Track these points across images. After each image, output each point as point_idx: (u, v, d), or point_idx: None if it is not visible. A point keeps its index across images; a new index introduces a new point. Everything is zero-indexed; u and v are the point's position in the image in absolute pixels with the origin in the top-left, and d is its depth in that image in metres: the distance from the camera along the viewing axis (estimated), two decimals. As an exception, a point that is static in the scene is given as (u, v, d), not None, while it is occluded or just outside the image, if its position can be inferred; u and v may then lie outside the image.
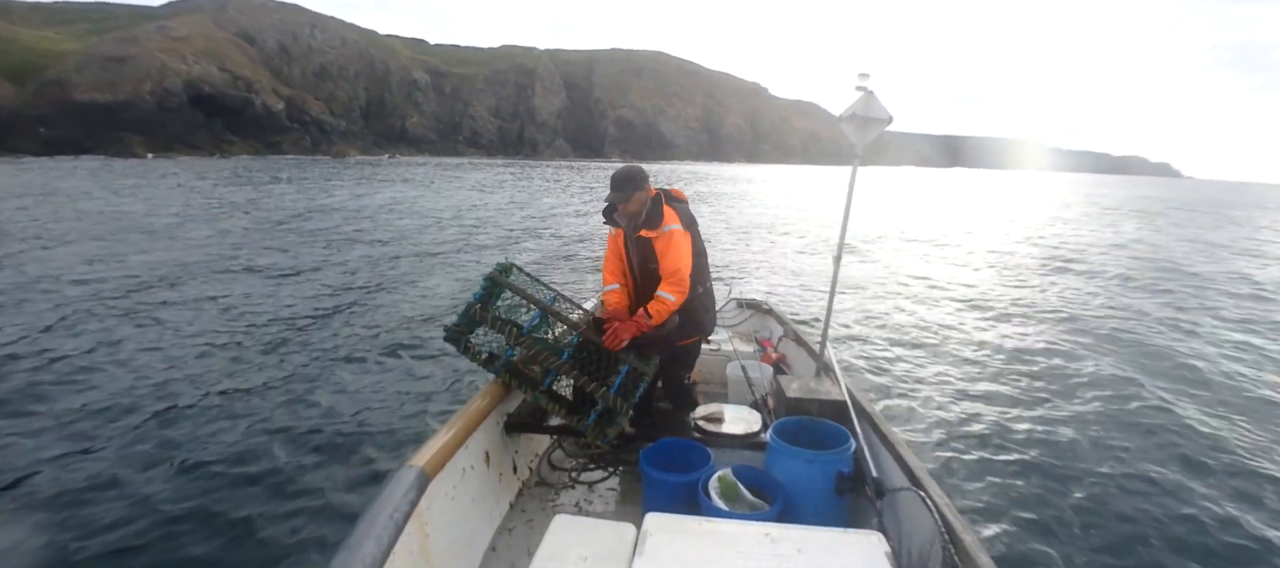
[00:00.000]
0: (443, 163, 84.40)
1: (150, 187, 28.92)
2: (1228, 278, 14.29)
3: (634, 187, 3.17)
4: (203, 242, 14.10)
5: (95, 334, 7.14)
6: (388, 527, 1.96)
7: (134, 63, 77.43)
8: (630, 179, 3.18)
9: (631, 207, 3.20)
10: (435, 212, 22.92)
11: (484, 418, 3.00)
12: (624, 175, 3.20)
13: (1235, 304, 11.34)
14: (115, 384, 5.78)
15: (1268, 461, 5.04)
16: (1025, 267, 15.16)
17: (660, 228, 3.19)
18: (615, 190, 3.18)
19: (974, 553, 1.93)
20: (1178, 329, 9.32)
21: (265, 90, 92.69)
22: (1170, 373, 7.21)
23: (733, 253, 15.79)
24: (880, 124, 3.31)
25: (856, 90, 3.28)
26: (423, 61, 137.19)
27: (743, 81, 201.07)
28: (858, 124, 3.31)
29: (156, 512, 3.87)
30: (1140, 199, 60.90)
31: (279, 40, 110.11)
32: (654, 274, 3.28)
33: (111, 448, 4.62)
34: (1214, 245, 21.42)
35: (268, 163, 60.74)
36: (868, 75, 3.27)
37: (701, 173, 79.53)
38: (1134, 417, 5.83)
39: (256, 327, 7.69)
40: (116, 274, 10.29)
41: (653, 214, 3.23)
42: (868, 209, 29.84)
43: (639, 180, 3.20)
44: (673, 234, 3.18)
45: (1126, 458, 5.00)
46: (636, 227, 3.25)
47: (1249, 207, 54.69)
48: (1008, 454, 4.99)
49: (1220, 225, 30.80)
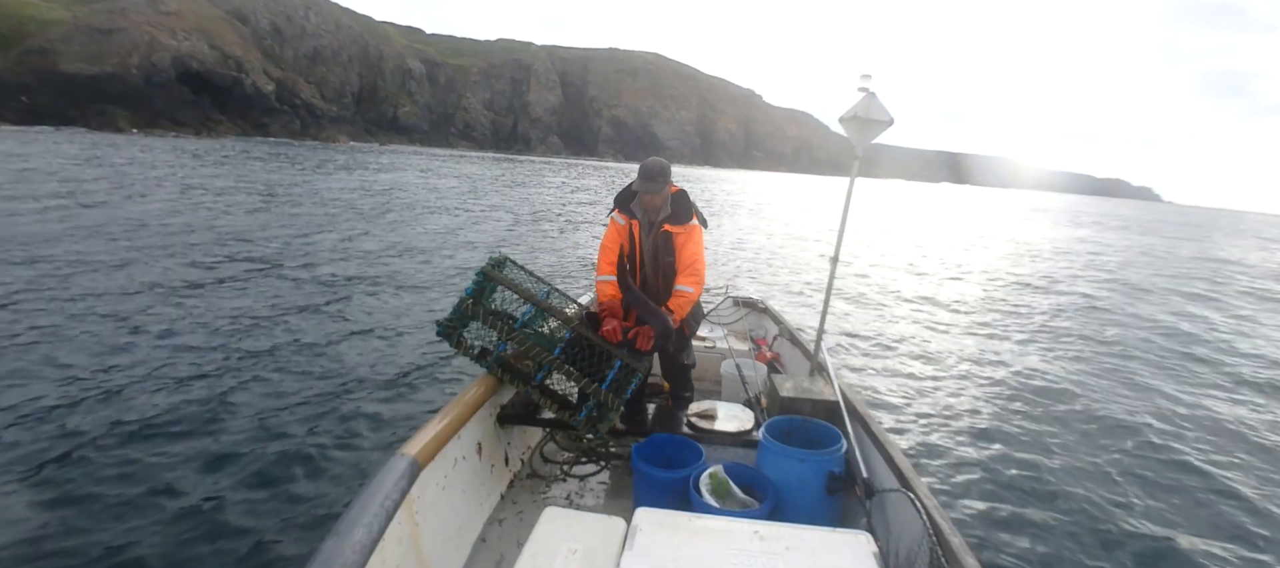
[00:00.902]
0: (434, 153, 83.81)
1: (128, 162, 28.39)
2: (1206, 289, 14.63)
3: (665, 180, 3.21)
4: (182, 227, 13.88)
5: (79, 321, 6.99)
6: (378, 515, 1.95)
7: (122, 35, 76.11)
8: (663, 171, 3.21)
9: (658, 200, 3.23)
10: (427, 202, 22.77)
11: (477, 409, 2.99)
12: (656, 168, 3.20)
13: (1215, 315, 11.67)
14: (97, 370, 5.72)
15: (1257, 463, 5.23)
16: (1015, 279, 15.45)
17: (685, 223, 3.27)
18: (647, 181, 3.17)
19: (961, 555, 1.94)
20: (1167, 335, 9.66)
21: (256, 70, 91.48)
22: (1158, 379, 7.43)
23: (732, 253, 15.84)
24: (881, 126, 3.30)
25: (858, 91, 3.28)
26: (418, 50, 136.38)
27: (737, 87, 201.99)
28: (859, 125, 3.30)
29: (145, 499, 3.81)
30: (1124, 218, 62.57)
31: (272, 20, 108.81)
32: (669, 267, 3.32)
33: (96, 437, 4.54)
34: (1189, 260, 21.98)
35: (254, 145, 59.90)
36: (870, 76, 3.26)
37: (694, 176, 79.60)
38: (1120, 422, 5.97)
39: (244, 317, 7.58)
40: (99, 256, 10.10)
41: (679, 209, 3.28)
42: (860, 219, 30.06)
43: (669, 174, 3.25)
44: (695, 229, 3.29)
45: (1113, 462, 5.12)
46: (660, 220, 3.28)
47: (1226, 230, 56.42)
48: (996, 457, 5.08)
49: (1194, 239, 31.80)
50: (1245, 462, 5.37)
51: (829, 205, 41.04)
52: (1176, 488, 4.76)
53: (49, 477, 4.05)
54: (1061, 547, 3.93)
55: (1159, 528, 4.22)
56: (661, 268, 3.37)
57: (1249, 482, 4.99)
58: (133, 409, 4.99)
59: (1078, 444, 5.45)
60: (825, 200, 48.38)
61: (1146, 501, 4.56)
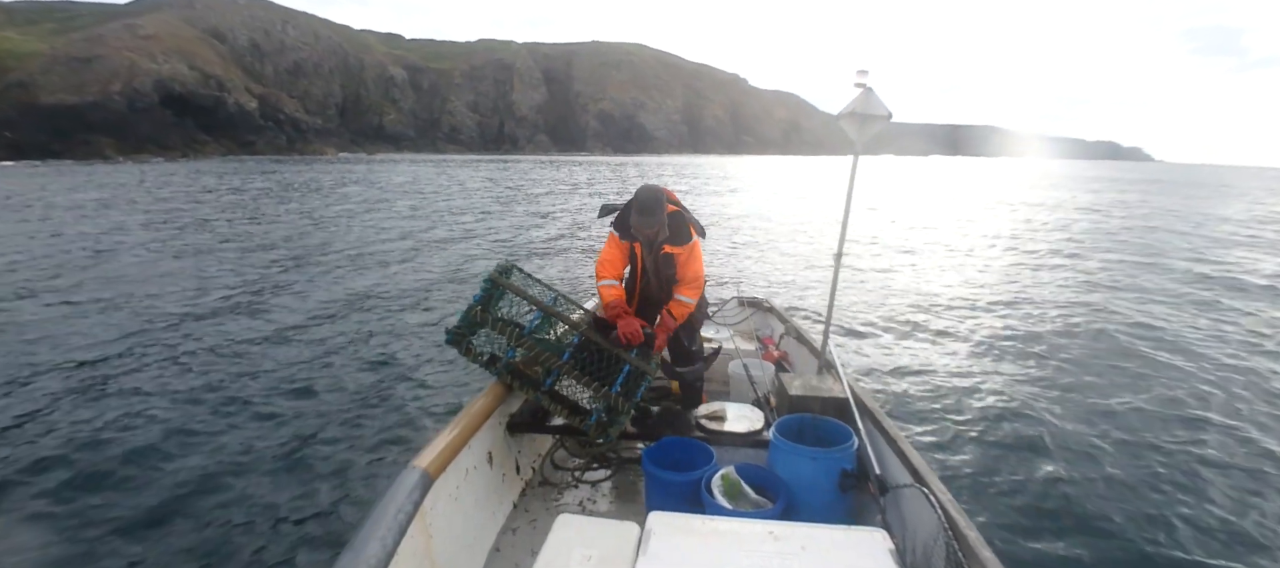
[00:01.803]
0: (424, 160, 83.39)
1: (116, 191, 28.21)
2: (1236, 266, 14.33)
3: (662, 209, 3.27)
4: (178, 249, 13.85)
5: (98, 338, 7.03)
6: (391, 528, 1.96)
7: (102, 62, 75.52)
8: (659, 203, 3.25)
9: (657, 229, 3.31)
10: (425, 210, 22.72)
11: (486, 418, 3.00)
12: (651, 201, 3.23)
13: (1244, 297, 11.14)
14: (106, 384, 5.76)
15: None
16: (1017, 259, 15.02)
17: (685, 243, 3.37)
18: (644, 216, 3.22)
19: (977, 549, 1.94)
20: (1189, 323, 9.12)
21: (238, 89, 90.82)
22: (1177, 365, 7.14)
23: (730, 253, 15.73)
24: (879, 120, 3.30)
25: (855, 87, 3.26)
26: (399, 57, 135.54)
27: (723, 72, 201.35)
28: (858, 121, 3.29)
29: (156, 515, 3.87)
30: (1116, 181, 62.18)
31: (250, 37, 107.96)
32: (670, 278, 3.46)
33: (107, 447, 4.61)
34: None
35: (240, 164, 59.42)
36: (867, 72, 3.24)
37: (682, 165, 79.23)
38: (1141, 412, 5.79)
39: (253, 332, 7.62)
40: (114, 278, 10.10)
41: (677, 229, 3.37)
42: (855, 203, 29.80)
43: (665, 200, 3.32)
44: (695, 246, 3.41)
45: (1133, 452, 5.00)
46: (660, 241, 3.38)
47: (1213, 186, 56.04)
48: (1010, 448, 5.00)
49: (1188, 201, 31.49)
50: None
51: (821, 188, 40.93)
52: (1208, 484, 4.54)
53: (60, 491, 4.12)
54: (1081, 539, 3.87)
55: (1181, 520, 4.09)
56: (663, 281, 3.51)
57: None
58: (143, 425, 5.05)
59: (1095, 433, 5.30)
60: (818, 183, 48.26)
61: (1169, 491, 4.42)
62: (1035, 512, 4.15)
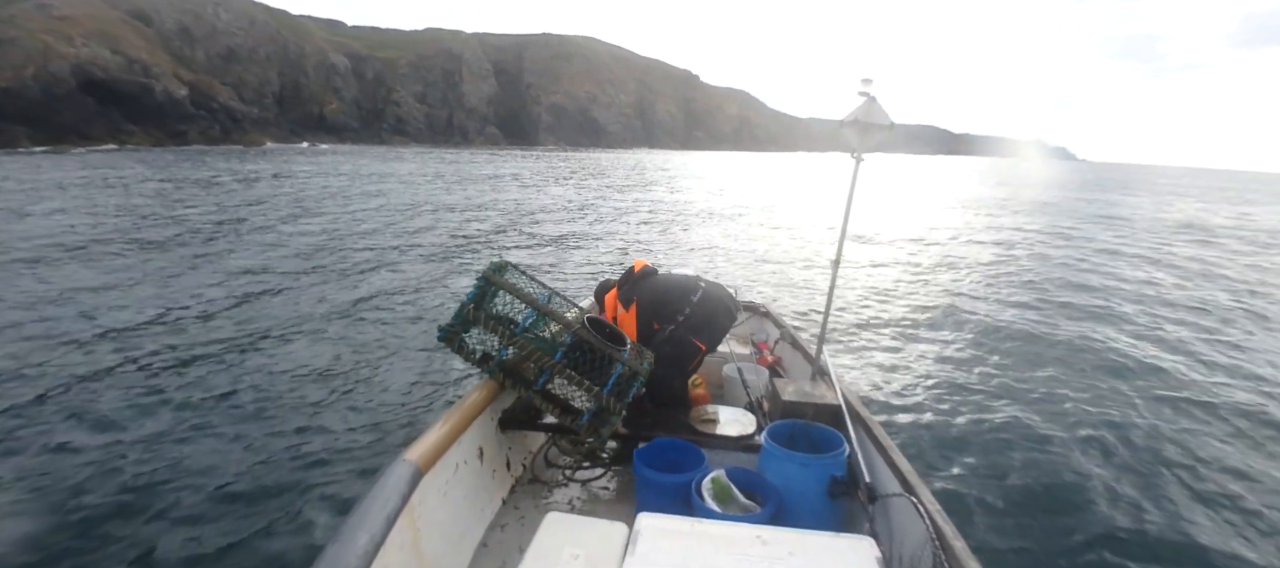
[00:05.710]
0: (368, 152, 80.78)
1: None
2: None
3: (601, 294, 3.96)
4: (145, 242, 13.10)
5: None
6: (380, 520, 1.96)
7: (13, 45, 69.64)
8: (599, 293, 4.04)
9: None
10: (405, 205, 22.21)
11: (478, 414, 3.01)
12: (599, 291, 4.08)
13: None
14: (93, 382, 5.64)
15: (1269, 472, 5.08)
16: (1013, 262, 14.97)
17: None
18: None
19: (964, 560, 1.96)
20: (1182, 342, 8.98)
21: (166, 75, 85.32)
22: (1168, 381, 7.13)
23: (728, 253, 15.71)
24: (881, 129, 3.32)
25: (859, 95, 3.31)
26: (341, 44, 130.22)
27: (675, 68, 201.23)
28: (860, 129, 3.32)
29: (147, 507, 3.82)
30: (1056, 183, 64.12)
31: (179, 20, 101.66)
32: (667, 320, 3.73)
33: (97, 446, 4.51)
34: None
35: (167, 155, 56.20)
36: (871, 80, 3.28)
37: (633, 162, 78.81)
38: (1131, 426, 5.83)
39: (242, 325, 7.41)
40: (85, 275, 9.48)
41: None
42: (812, 202, 30.26)
43: (602, 292, 3.99)
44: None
45: (1122, 466, 5.05)
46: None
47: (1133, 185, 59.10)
48: (1001, 462, 5.04)
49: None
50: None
51: (777, 181, 41.56)
52: (1198, 500, 4.59)
53: (47, 487, 4.02)
54: (1067, 550, 3.92)
55: (1170, 528, 4.16)
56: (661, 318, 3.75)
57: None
58: (131, 419, 4.94)
59: (1085, 444, 5.35)
60: (771, 177, 48.98)
61: (1157, 500, 4.48)
62: (1025, 524, 4.20)
